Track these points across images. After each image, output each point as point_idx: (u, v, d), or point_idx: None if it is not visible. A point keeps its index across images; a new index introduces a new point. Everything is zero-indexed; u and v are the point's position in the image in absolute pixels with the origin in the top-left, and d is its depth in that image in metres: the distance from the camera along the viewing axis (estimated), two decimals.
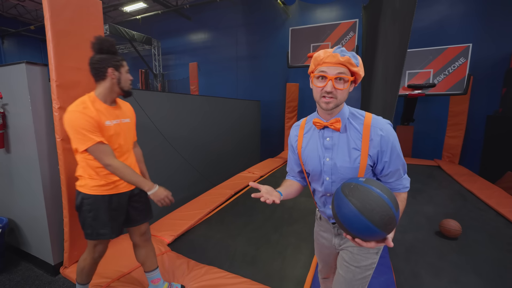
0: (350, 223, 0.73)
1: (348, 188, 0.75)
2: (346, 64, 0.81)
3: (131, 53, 9.82)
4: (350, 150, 0.87)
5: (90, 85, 1.76)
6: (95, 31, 1.79)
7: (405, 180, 0.92)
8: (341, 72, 0.81)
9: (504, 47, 5.16)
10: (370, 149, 0.85)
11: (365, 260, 0.96)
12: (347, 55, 0.81)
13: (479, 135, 5.50)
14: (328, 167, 0.92)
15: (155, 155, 2.99)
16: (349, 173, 0.89)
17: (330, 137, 0.91)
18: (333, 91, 0.82)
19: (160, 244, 2.16)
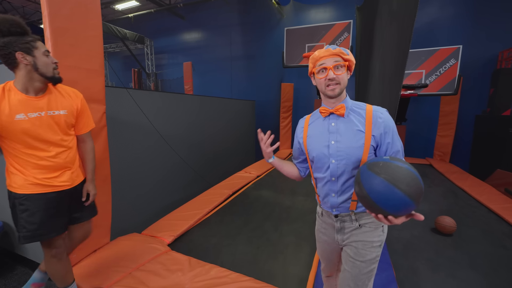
0: (386, 200, 0.73)
1: (377, 166, 0.77)
2: (339, 54, 0.95)
3: (123, 52, 9.66)
4: (354, 132, 0.95)
5: (89, 84, 1.73)
6: (94, 29, 1.75)
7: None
8: (336, 61, 0.95)
9: (491, 49, 5.33)
10: (373, 130, 0.94)
11: (370, 254, 0.98)
12: (337, 47, 0.97)
13: (468, 134, 5.66)
14: (334, 149, 0.98)
15: (150, 154, 2.96)
16: (354, 153, 0.95)
17: (335, 122, 1.00)
18: (335, 77, 0.95)
19: (160, 244, 2.14)
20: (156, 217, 2.73)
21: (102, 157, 1.87)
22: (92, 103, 1.77)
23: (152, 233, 2.37)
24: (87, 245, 1.89)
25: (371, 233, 0.99)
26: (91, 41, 1.74)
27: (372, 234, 0.99)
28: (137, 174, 2.75)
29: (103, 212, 1.98)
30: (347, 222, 1.02)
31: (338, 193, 1.01)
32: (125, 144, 2.59)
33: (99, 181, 1.88)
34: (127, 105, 2.61)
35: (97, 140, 1.82)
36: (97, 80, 1.78)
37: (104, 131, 1.87)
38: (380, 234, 1.00)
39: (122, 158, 2.55)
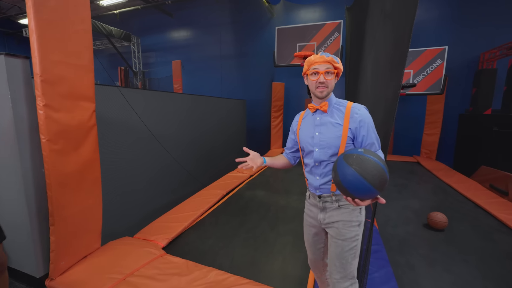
0: (355, 188, 0.88)
1: (351, 158, 0.91)
2: (331, 62, 1.10)
3: (109, 50, 9.35)
4: (334, 125, 1.12)
5: (78, 80, 1.63)
6: (83, 22, 1.66)
7: (380, 153, 1.11)
8: (328, 68, 1.10)
9: (474, 50, 5.55)
10: (350, 123, 1.09)
11: (349, 232, 1.12)
12: (330, 56, 1.12)
13: (452, 132, 5.87)
14: (317, 140, 1.15)
15: (141, 155, 2.85)
16: (333, 143, 1.11)
17: (319, 117, 1.18)
18: (325, 81, 1.11)
19: (155, 248, 2.06)
20: (149, 220, 2.64)
21: (92, 158, 1.77)
22: (81, 101, 1.68)
23: (145, 236, 2.28)
24: (76, 251, 1.79)
25: (350, 214, 1.13)
26: (80, 35, 1.64)
27: (351, 215, 1.13)
28: (128, 175, 2.65)
29: (93, 216, 1.88)
30: (328, 202, 1.17)
31: (321, 176, 1.17)
32: (115, 145, 2.48)
33: (89, 183, 1.79)
34: (116, 104, 2.50)
35: (87, 140, 1.73)
36: (86, 76, 1.68)
37: (93, 130, 1.78)
38: (358, 215, 1.14)
39: (112, 159, 2.44)
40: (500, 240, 2.33)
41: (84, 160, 1.72)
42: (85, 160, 1.73)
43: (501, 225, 2.61)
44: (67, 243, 1.70)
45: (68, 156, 1.60)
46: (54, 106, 1.51)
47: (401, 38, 1.58)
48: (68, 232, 1.69)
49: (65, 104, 1.58)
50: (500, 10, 5.25)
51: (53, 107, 1.51)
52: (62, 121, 1.56)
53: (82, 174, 1.72)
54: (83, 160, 1.72)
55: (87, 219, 1.83)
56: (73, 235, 1.74)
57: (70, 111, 1.60)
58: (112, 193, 2.43)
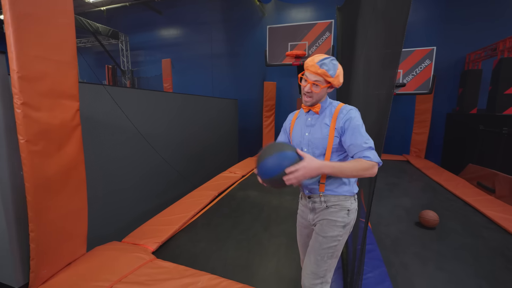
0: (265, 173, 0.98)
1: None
2: (322, 75, 1.06)
3: (95, 48, 9.08)
4: (322, 126, 1.13)
5: (60, 77, 1.54)
6: (65, 16, 1.56)
7: (367, 152, 1.02)
8: (317, 80, 1.08)
9: (460, 51, 5.69)
10: (336, 123, 1.09)
11: (332, 231, 1.12)
12: (324, 68, 1.05)
13: (440, 131, 6.01)
14: (306, 140, 1.17)
15: (129, 155, 2.76)
16: (320, 143, 1.12)
17: (311, 118, 1.18)
18: (310, 92, 1.10)
19: (144, 253, 1.98)
20: (138, 223, 2.54)
21: (76, 160, 1.68)
22: (64, 99, 1.58)
23: (134, 240, 2.19)
24: (59, 258, 1.69)
25: (336, 213, 1.13)
26: (62, 29, 1.54)
27: (337, 214, 1.13)
28: (116, 176, 2.55)
29: (78, 221, 1.79)
30: (317, 203, 1.17)
31: None
32: (101, 145, 2.38)
33: (72, 186, 1.69)
34: (103, 103, 2.40)
35: (70, 141, 1.63)
36: (69, 73, 1.59)
37: (77, 131, 1.68)
38: (344, 216, 1.13)
39: (98, 160, 2.34)
40: (489, 237, 2.37)
41: (67, 162, 1.63)
42: (69, 162, 1.63)
43: (489, 222, 2.66)
44: (49, 250, 1.60)
45: (49, 158, 1.51)
46: (34, 104, 1.42)
47: (394, 37, 1.57)
48: (50, 239, 1.59)
49: (46, 102, 1.48)
50: (485, 12, 5.40)
51: (32, 106, 1.41)
52: (42, 120, 1.46)
53: (65, 177, 1.63)
54: (67, 161, 1.62)
55: (71, 224, 1.73)
56: (56, 241, 1.64)
57: (51, 110, 1.50)
58: (99, 195, 2.33)
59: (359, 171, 0.99)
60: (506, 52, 4.62)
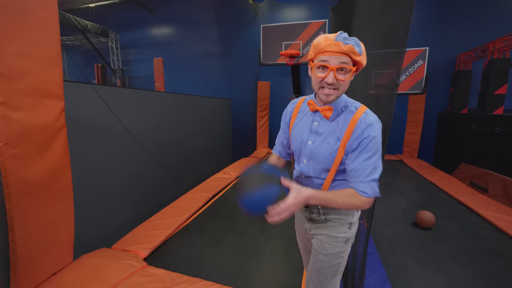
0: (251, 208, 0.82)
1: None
2: (349, 53, 0.77)
3: (84, 46, 8.83)
4: (332, 139, 0.87)
5: (43, 75, 1.44)
6: (47, 9, 1.46)
7: (367, 186, 0.83)
8: (343, 62, 0.78)
9: (452, 51, 5.78)
10: (349, 142, 0.84)
11: (333, 248, 0.97)
12: (350, 43, 0.77)
13: (432, 131, 6.08)
14: (308, 150, 0.93)
15: (118, 157, 2.65)
16: (325, 160, 0.89)
17: (318, 122, 0.91)
18: (335, 82, 0.80)
19: (135, 260, 1.89)
20: (128, 228, 2.44)
21: (61, 163, 1.58)
22: (48, 99, 1.48)
23: (124, 246, 2.10)
24: (44, 268, 1.58)
25: (336, 228, 0.98)
26: (44, 24, 1.44)
27: (337, 229, 0.98)
28: (105, 179, 2.44)
29: (63, 228, 1.68)
30: (315, 214, 1.00)
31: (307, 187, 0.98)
32: (89, 147, 2.27)
33: (58, 191, 1.59)
34: (91, 103, 2.29)
35: (55, 143, 1.53)
36: (53, 71, 1.49)
37: (63, 132, 1.58)
38: (346, 231, 0.98)
39: (85, 162, 2.23)
40: (485, 236, 2.38)
41: (51, 166, 1.53)
42: (53, 166, 1.53)
43: (483, 222, 2.68)
44: (32, 260, 1.49)
45: (31, 162, 1.41)
46: (13, 104, 1.31)
47: (396, 35, 1.54)
48: (32, 248, 1.48)
49: (27, 102, 1.38)
50: (475, 13, 5.48)
51: (11, 106, 1.30)
52: (23, 121, 1.36)
53: (49, 181, 1.52)
54: (51, 165, 1.52)
55: (57, 231, 1.63)
56: (39, 250, 1.53)
57: (33, 110, 1.40)
58: (87, 200, 2.22)
59: (349, 207, 0.85)
60: (496, 53, 4.70)
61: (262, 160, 5.68)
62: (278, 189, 0.81)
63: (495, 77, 4.49)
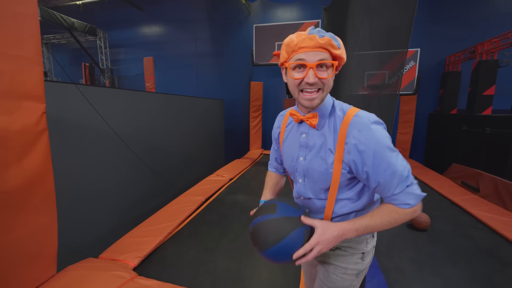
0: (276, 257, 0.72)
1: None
2: (327, 47, 0.67)
3: (71, 44, 8.54)
4: (326, 152, 0.74)
5: (20, 75, 1.33)
6: (25, 4, 1.35)
7: (404, 195, 0.68)
8: (322, 58, 0.67)
9: (441, 53, 5.87)
10: (344, 154, 0.70)
11: (341, 281, 0.84)
12: (326, 35, 0.67)
13: (422, 131, 6.16)
14: (301, 168, 0.81)
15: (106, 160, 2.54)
16: (321, 178, 0.76)
17: (306, 134, 0.79)
18: (317, 81, 0.68)
19: (124, 270, 1.79)
20: (117, 235, 2.33)
21: (43, 170, 1.47)
22: (26, 101, 1.37)
23: (112, 256, 1.99)
24: (24, 283, 1.47)
25: (346, 258, 0.84)
26: (22, 19, 1.33)
27: (347, 260, 0.84)
28: (92, 184, 2.32)
29: (46, 238, 1.57)
30: None
31: (308, 212, 0.85)
32: (74, 150, 2.15)
33: (39, 200, 1.48)
34: (76, 104, 2.18)
35: (35, 148, 1.42)
36: (32, 70, 1.38)
37: (44, 136, 1.47)
38: (358, 262, 0.84)
39: (71, 167, 2.11)
40: (478, 237, 2.39)
41: (31, 173, 1.42)
42: (33, 173, 1.42)
43: (476, 222, 2.69)
44: (11, 275, 1.38)
45: (7, 169, 1.30)
46: None
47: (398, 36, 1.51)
48: (11, 262, 1.37)
49: (2, 104, 1.27)
50: (464, 15, 5.59)
51: None
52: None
53: (29, 190, 1.41)
54: (30, 172, 1.41)
55: (38, 243, 1.52)
56: (19, 264, 1.42)
57: (9, 113, 1.29)
58: (72, 206, 2.11)
59: (397, 224, 0.71)
60: (484, 55, 4.79)
61: (255, 161, 5.61)
62: (301, 232, 0.69)
63: (483, 78, 4.58)
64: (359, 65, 2.77)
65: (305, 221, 0.71)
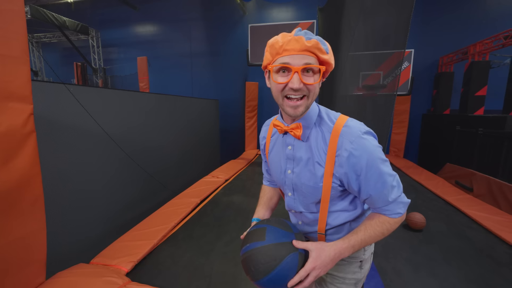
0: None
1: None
2: (314, 51, 0.62)
3: (62, 43, 8.39)
4: (314, 164, 0.70)
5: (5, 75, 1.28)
6: (11, 1, 1.30)
7: (395, 205, 0.68)
8: (308, 62, 0.62)
9: (434, 54, 5.94)
10: (335, 165, 0.67)
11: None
12: (313, 38, 0.63)
13: (416, 131, 6.22)
14: (290, 181, 0.77)
15: (98, 162, 2.48)
16: (311, 193, 0.72)
17: (292, 146, 0.74)
18: (302, 87, 0.63)
19: (116, 275, 1.74)
20: (109, 240, 2.27)
21: (30, 174, 1.41)
22: (11, 102, 1.32)
23: (104, 261, 1.94)
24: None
25: (344, 267, 0.82)
26: (7, 17, 1.28)
27: (345, 269, 0.82)
28: (83, 187, 2.26)
29: (34, 244, 1.51)
30: None
31: (302, 224, 0.83)
32: (64, 152, 2.09)
33: (26, 205, 1.43)
34: (67, 105, 2.12)
35: (22, 151, 1.37)
36: (18, 70, 1.33)
37: (31, 139, 1.42)
38: (356, 271, 0.82)
39: (60, 169, 2.05)
40: (473, 237, 2.40)
41: (18, 177, 1.36)
42: (20, 177, 1.37)
43: (470, 222, 2.72)
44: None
45: None
46: None
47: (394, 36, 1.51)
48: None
49: None
50: (457, 17, 5.66)
51: None
52: None
53: (15, 195, 1.36)
54: (17, 176, 1.35)
55: (26, 249, 1.46)
56: (5, 272, 1.36)
57: None
58: (62, 211, 2.04)
59: (388, 233, 0.71)
60: (476, 56, 4.86)
61: (251, 162, 5.58)
62: (294, 258, 0.65)
63: (475, 79, 4.64)
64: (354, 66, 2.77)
65: (297, 245, 0.67)
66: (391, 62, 5.23)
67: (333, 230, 0.78)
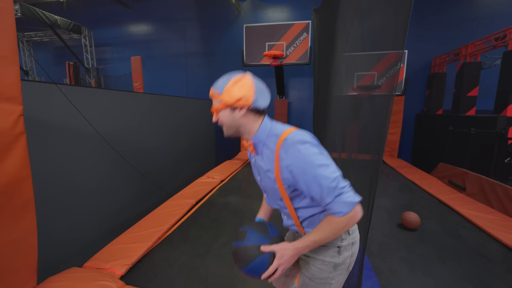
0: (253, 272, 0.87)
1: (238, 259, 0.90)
2: (214, 97, 0.85)
3: (54, 42, 8.23)
4: (267, 172, 0.86)
5: None
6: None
7: (335, 205, 0.75)
8: (213, 105, 0.87)
9: (427, 55, 6.02)
10: (280, 173, 0.81)
11: (319, 272, 0.92)
12: (213, 87, 0.85)
13: (410, 131, 6.30)
14: (261, 185, 0.97)
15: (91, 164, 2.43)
16: (274, 193, 0.89)
17: (254, 158, 0.93)
18: (216, 121, 0.88)
19: (110, 279, 1.71)
20: (103, 243, 2.23)
21: (20, 176, 1.37)
22: (0, 102, 1.28)
23: (98, 264, 1.90)
24: None
25: (322, 252, 0.91)
26: None
27: (323, 252, 0.91)
28: (75, 189, 2.21)
29: (25, 249, 1.47)
30: (299, 234, 0.99)
31: (286, 218, 0.98)
32: (56, 154, 2.04)
33: (16, 208, 1.39)
34: (59, 105, 2.07)
35: (11, 153, 1.33)
36: (7, 70, 1.29)
37: (21, 140, 1.38)
38: (334, 255, 0.90)
39: (52, 171, 2.00)
40: (466, 236, 2.44)
41: (7, 179, 1.32)
42: (9, 180, 1.33)
43: (464, 221, 2.75)
44: None
45: None
46: None
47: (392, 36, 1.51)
48: None
49: None
50: (449, 19, 5.75)
51: None
52: None
53: (5, 198, 1.32)
54: (7, 179, 1.32)
55: (15, 254, 1.42)
56: None
57: None
58: (54, 213, 2.00)
59: (340, 233, 0.79)
60: (468, 57, 4.94)
61: (246, 162, 5.57)
62: (265, 257, 0.84)
63: (467, 79, 4.72)
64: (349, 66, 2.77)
65: (263, 249, 0.84)
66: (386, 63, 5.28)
67: (306, 222, 0.91)
